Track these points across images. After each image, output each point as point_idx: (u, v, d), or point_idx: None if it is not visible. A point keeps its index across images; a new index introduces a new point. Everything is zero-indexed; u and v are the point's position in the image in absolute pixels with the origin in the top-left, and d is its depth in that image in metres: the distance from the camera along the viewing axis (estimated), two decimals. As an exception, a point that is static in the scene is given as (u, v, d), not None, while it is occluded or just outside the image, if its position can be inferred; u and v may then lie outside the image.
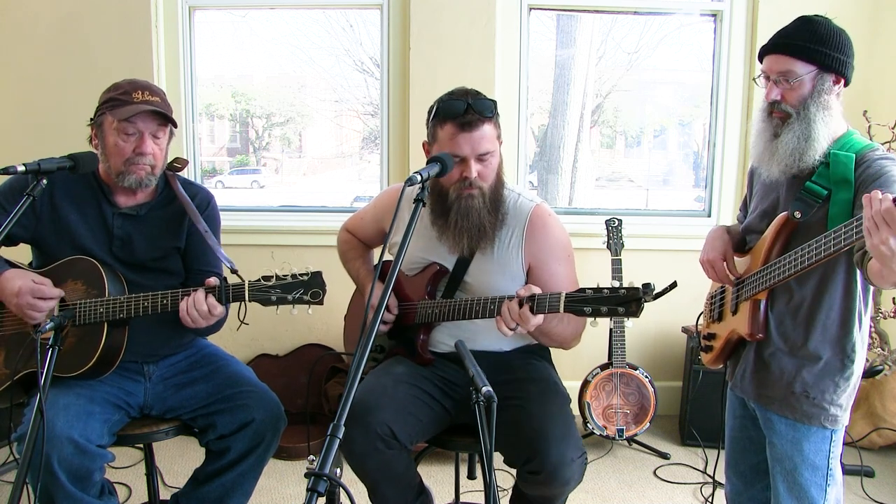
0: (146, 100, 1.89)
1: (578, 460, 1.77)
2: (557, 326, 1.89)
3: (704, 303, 1.98)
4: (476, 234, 1.91)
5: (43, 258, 2.00)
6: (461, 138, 1.82)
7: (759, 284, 1.64)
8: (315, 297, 1.76)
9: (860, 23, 3.23)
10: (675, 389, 3.38)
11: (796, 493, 1.67)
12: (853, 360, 1.64)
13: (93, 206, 1.98)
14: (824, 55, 1.59)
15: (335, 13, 3.67)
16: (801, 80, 1.59)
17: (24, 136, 3.38)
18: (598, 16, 3.75)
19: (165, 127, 1.95)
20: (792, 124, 1.61)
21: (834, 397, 1.64)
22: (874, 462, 3.03)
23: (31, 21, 3.37)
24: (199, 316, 1.81)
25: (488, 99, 1.88)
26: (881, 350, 3.06)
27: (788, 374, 1.66)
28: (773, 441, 1.72)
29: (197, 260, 2.08)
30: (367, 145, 4.09)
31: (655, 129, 4.25)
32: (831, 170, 1.58)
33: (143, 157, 1.90)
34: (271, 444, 2.02)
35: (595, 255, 3.22)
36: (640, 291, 1.59)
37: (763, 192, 1.79)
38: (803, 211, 1.59)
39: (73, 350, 1.87)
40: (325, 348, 3.49)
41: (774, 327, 1.68)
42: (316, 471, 1.07)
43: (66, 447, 1.75)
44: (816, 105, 1.60)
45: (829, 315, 1.62)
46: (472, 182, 1.86)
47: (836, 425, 1.65)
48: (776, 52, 1.62)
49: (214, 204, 2.13)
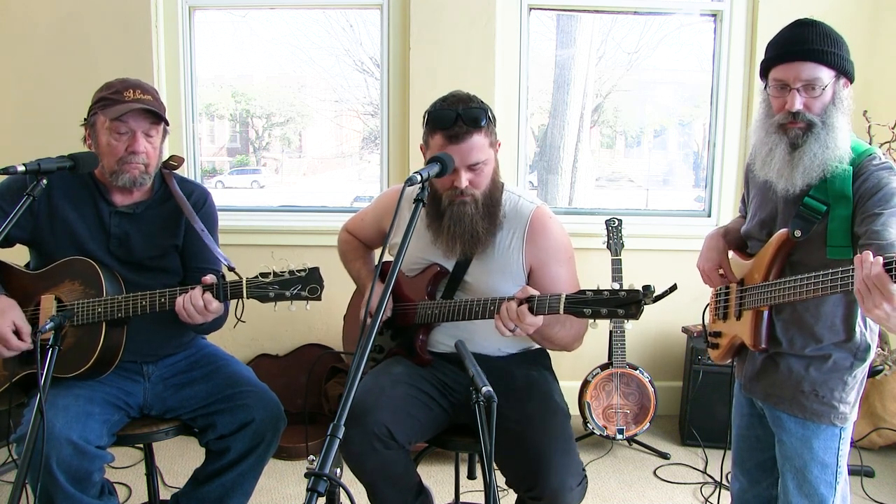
0: (138, 98, 1.88)
1: (578, 488, 1.78)
2: (560, 331, 1.89)
3: (710, 294, 1.95)
4: (469, 239, 1.90)
5: (41, 258, 2.00)
6: (450, 150, 1.80)
7: (761, 300, 1.63)
8: (313, 293, 1.75)
9: (860, 23, 3.23)
10: (675, 389, 3.38)
11: (806, 491, 1.67)
12: (863, 360, 1.64)
13: (90, 205, 1.98)
14: (840, 58, 1.55)
15: (335, 13, 3.67)
16: (826, 87, 1.54)
17: (24, 136, 3.38)
18: (598, 16, 3.75)
19: (158, 125, 1.94)
20: (818, 133, 1.54)
21: (843, 395, 1.64)
22: (874, 462, 3.03)
23: (31, 21, 3.37)
24: (196, 311, 1.80)
25: (481, 107, 1.85)
26: (881, 350, 3.06)
27: (797, 373, 1.66)
28: (782, 439, 1.72)
29: (195, 258, 2.08)
30: (367, 145, 4.09)
31: (655, 129, 4.25)
32: (829, 184, 1.56)
33: (135, 156, 1.89)
34: (271, 444, 2.02)
35: (595, 255, 3.22)
36: (640, 294, 1.58)
37: (760, 198, 1.77)
38: (803, 229, 1.57)
39: (72, 350, 1.87)
40: (325, 348, 3.49)
41: (781, 328, 1.67)
42: (316, 471, 1.07)
43: (65, 448, 1.74)
44: (838, 111, 1.55)
45: (836, 313, 1.62)
46: (464, 191, 1.86)
47: (846, 423, 1.65)
48: (802, 59, 1.53)
49: (211, 201, 2.12)
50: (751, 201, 1.84)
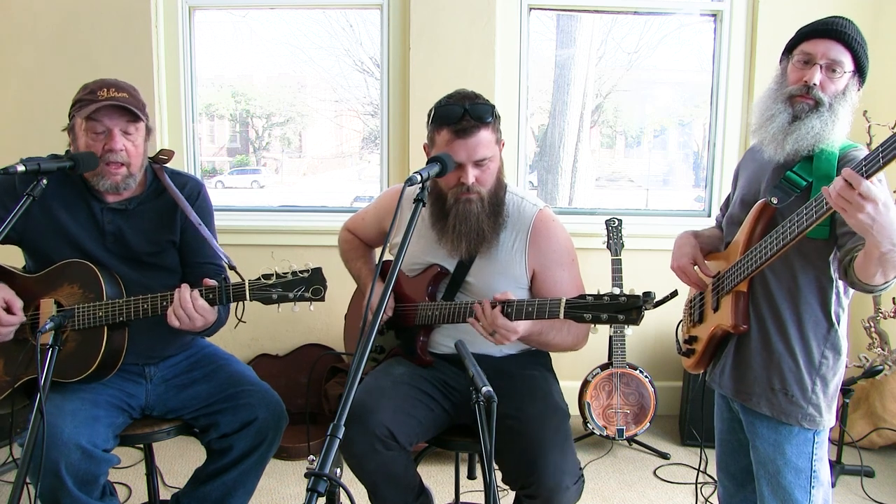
0: (111, 96, 1.84)
1: (574, 486, 1.78)
2: (556, 336, 1.89)
3: (683, 309, 1.98)
4: (475, 238, 1.90)
5: (35, 260, 1.98)
6: (457, 145, 1.81)
7: (741, 273, 1.63)
8: (316, 293, 1.75)
9: (860, 23, 3.18)
10: (674, 389, 3.38)
11: (781, 497, 1.67)
12: (828, 359, 1.64)
13: (81, 204, 1.95)
14: (864, 55, 1.60)
15: (335, 13, 3.67)
16: (844, 74, 1.59)
17: (24, 136, 3.38)
18: (598, 16, 3.75)
19: (136, 123, 1.89)
20: (822, 112, 1.57)
21: (812, 396, 1.64)
22: (874, 462, 3.03)
23: (31, 21, 3.37)
24: (187, 315, 1.77)
25: (487, 103, 1.86)
26: (881, 350, 3.06)
27: (767, 369, 1.66)
28: (755, 444, 1.72)
29: (194, 253, 2.06)
30: (367, 145, 4.09)
31: (655, 129, 4.25)
32: (815, 164, 1.59)
33: (114, 154, 1.86)
34: (274, 442, 2.01)
35: (595, 255, 3.22)
36: (641, 300, 1.58)
37: (746, 183, 1.79)
38: (780, 198, 1.60)
39: (75, 354, 1.86)
40: (325, 348, 3.49)
41: (754, 323, 1.67)
42: (316, 471, 1.07)
43: (74, 453, 1.74)
44: (845, 103, 1.59)
45: (807, 311, 1.62)
46: (470, 187, 1.86)
47: (816, 426, 1.65)
48: (833, 39, 1.58)
49: (205, 193, 2.10)
50: (737, 190, 1.85)
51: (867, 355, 3.02)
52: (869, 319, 3.10)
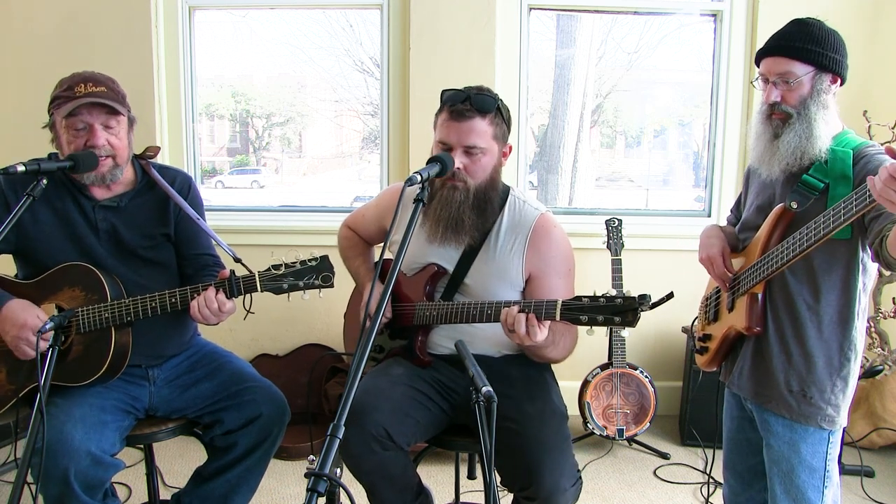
0: (89, 92, 1.83)
1: (572, 489, 1.78)
2: (552, 352, 1.89)
3: (699, 306, 1.98)
4: (453, 226, 1.90)
5: (29, 267, 1.96)
6: (449, 125, 1.85)
7: (757, 276, 1.64)
8: (326, 280, 1.79)
9: (860, 23, 3.23)
10: (675, 389, 3.38)
11: (793, 496, 1.67)
12: (850, 360, 1.64)
13: (71, 204, 1.93)
14: (821, 55, 1.61)
15: (335, 13, 3.67)
16: (800, 81, 1.62)
17: (24, 136, 3.37)
18: (598, 16, 3.75)
19: (117, 116, 1.88)
20: (793, 124, 1.62)
21: (831, 397, 1.64)
22: (874, 462, 3.03)
23: (32, 21, 3.37)
24: (211, 313, 1.81)
25: (493, 97, 1.88)
26: (881, 350, 3.06)
27: (786, 372, 1.66)
28: (770, 443, 1.72)
29: (189, 245, 2.07)
30: (367, 145, 4.09)
31: (655, 129, 4.25)
32: (829, 166, 1.60)
33: (97, 150, 1.85)
34: (277, 439, 2.02)
35: (595, 255, 3.22)
36: (637, 301, 1.58)
37: (759, 189, 1.80)
38: (800, 202, 1.60)
39: (81, 358, 1.85)
40: (325, 348, 3.49)
41: (772, 325, 1.68)
42: (316, 471, 1.07)
43: (84, 460, 1.74)
44: (816, 104, 1.62)
45: (828, 313, 1.62)
46: (456, 174, 1.86)
47: (833, 426, 1.65)
48: (774, 55, 1.64)
49: (195, 186, 2.11)
50: (749, 194, 1.86)
51: (867, 355, 3.02)
52: (869, 319, 3.10)
